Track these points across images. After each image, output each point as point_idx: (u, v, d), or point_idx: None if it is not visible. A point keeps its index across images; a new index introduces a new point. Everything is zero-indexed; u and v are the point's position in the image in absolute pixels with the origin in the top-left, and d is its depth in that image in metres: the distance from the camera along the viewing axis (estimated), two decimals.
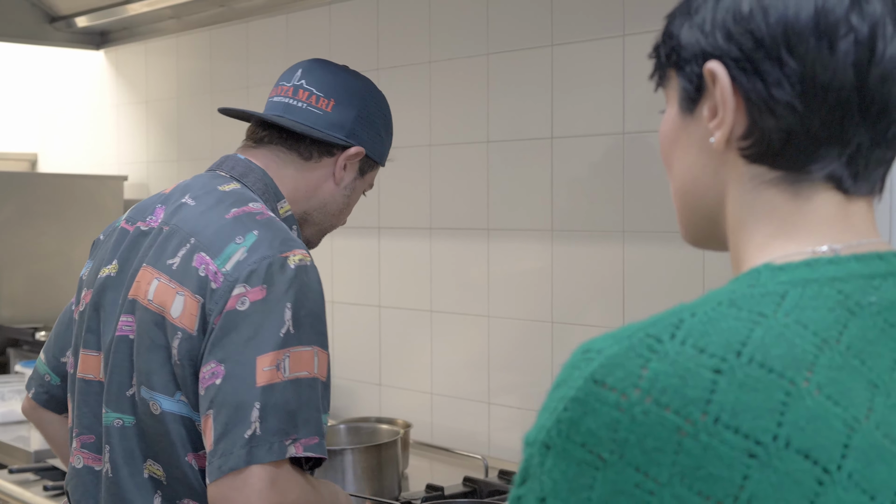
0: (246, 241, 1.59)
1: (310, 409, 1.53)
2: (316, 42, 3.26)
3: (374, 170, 1.93)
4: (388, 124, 1.92)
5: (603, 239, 2.52)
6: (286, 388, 1.51)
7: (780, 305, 0.81)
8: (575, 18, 2.55)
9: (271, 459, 1.48)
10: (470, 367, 2.83)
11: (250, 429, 1.49)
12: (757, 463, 0.75)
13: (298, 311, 1.54)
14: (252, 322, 1.53)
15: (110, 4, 3.58)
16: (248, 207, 1.67)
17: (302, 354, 1.53)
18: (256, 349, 1.52)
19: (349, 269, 3.20)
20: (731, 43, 0.87)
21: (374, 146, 1.88)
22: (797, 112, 0.86)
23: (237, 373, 1.52)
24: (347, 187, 1.87)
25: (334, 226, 1.94)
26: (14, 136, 4.77)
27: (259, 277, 1.55)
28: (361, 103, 1.84)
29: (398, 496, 2.31)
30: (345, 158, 1.83)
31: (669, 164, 0.98)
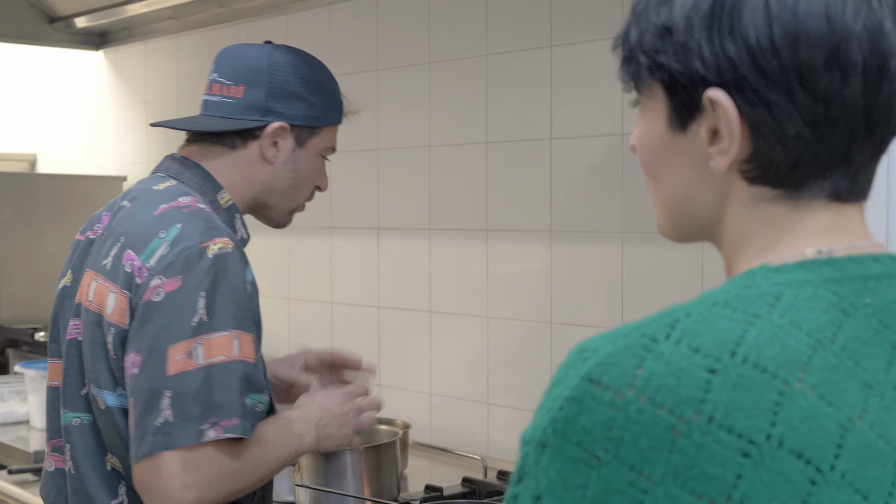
0: (169, 235, 1.65)
1: (228, 392, 1.57)
2: (315, 43, 3.26)
3: (320, 134, 1.88)
4: (312, 84, 1.86)
5: (602, 240, 2.52)
6: (199, 374, 1.57)
7: (774, 306, 0.82)
8: (574, 19, 2.56)
9: (187, 444, 1.55)
10: (469, 368, 2.84)
11: (161, 416, 1.55)
12: (750, 462, 0.75)
13: (213, 299, 1.60)
14: (166, 312, 1.59)
15: (110, 5, 3.59)
16: (176, 202, 1.72)
17: (217, 340, 1.58)
18: (169, 339, 1.58)
19: (348, 270, 3.20)
20: (737, 75, 0.84)
21: (299, 113, 1.84)
22: (807, 142, 0.85)
23: (150, 363, 1.58)
24: (287, 162, 1.85)
25: (297, 201, 1.92)
26: (13, 136, 4.77)
27: (176, 268, 1.61)
28: (269, 78, 1.83)
29: (397, 497, 2.31)
30: (267, 137, 1.83)
31: (654, 175, 0.95)
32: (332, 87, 1.90)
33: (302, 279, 3.37)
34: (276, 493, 2.44)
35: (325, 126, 1.89)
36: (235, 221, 1.83)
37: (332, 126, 1.91)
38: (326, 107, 1.88)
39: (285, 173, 1.86)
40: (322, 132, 1.88)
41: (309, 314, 3.33)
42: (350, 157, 3.17)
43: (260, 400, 1.62)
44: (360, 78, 3.12)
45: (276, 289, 3.44)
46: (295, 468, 2.28)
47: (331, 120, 1.90)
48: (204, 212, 1.70)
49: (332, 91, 1.90)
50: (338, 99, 1.91)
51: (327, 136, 1.90)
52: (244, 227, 1.86)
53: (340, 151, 3.24)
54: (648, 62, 0.90)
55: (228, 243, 1.64)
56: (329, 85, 1.90)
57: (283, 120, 1.82)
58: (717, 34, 0.85)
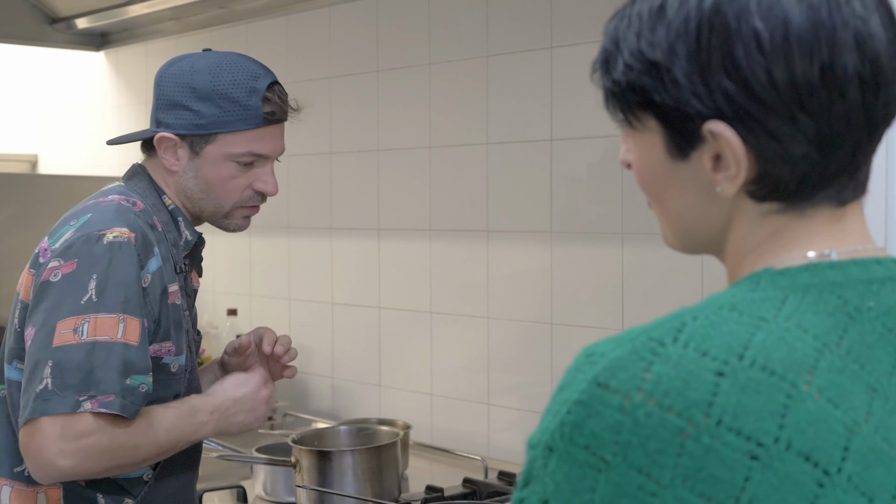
0: (77, 223, 1.76)
1: (107, 370, 1.64)
2: (315, 44, 3.26)
3: (215, 141, 1.85)
4: (199, 92, 1.84)
5: (602, 240, 2.52)
6: (81, 349, 1.65)
7: (780, 310, 0.82)
8: (574, 20, 2.56)
9: (61, 411, 1.62)
10: (469, 369, 2.84)
11: (42, 384, 1.64)
12: (758, 465, 0.76)
13: (104, 282, 1.68)
14: (60, 291, 1.69)
15: (110, 6, 3.59)
16: (102, 198, 1.82)
17: (104, 321, 1.67)
18: (58, 314, 1.67)
19: (349, 271, 3.21)
20: (737, 108, 0.83)
21: (184, 122, 1.85)
22: (813, 160, 0.85)
23: (40, 335, 1.68)
24: (188, 170, 1.87)
25: (224, 205, 1.90)
26: (14, 137, 4.77)
27: (73, 252, 1.71)
28: (157, 90, 1.90)
29: (398, 497, 2.32)
30: (160, 147, 1.87)
31: (657, 199, 0.94)
32: (230, 93, 1.84)
33: (303, 280, 3.37)
34: (276, 493, 2.45)
35: (221, 133, 1.85)
36: (179, 224, 1.89)
37: (233, 132, 1.85)
38: (219, 114, 1.84)
39: (190, 181, 1.88)
40: (220, 139, 1.85)
41: (310, 315, 3.33)
42: (350, 158, 3.18)
43: (143, 381, 1.67)
44: (360, 79, 3.12)
45: (277, 289, 3.44)
46: (296, 469, 2.28)
47: (227, 126, 1.84)
48: (121, 206, 1.78)
49: (231, 97, 1.83)
50: (242, 104, 1.84)
51: (231, 141, 1.85)
52: (189, 228, 1.90)
53: (341, 152, 3.26)
54: (640, 99, 0.88)
55: (125, 233, 1.72)
56: (228, 91, 1.84)
57: (168, 130, 1.86)
58: (710, 70, 0.83)
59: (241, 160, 1.87)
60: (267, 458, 2.42)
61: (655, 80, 0.86)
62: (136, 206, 1.81)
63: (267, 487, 2.47)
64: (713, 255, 0.96)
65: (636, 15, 0.88)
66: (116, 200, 1.80)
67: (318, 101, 3.25)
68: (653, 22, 0.87)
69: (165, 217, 1.87)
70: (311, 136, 3.29)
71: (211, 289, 3.66)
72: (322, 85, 3.25)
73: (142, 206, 1.82)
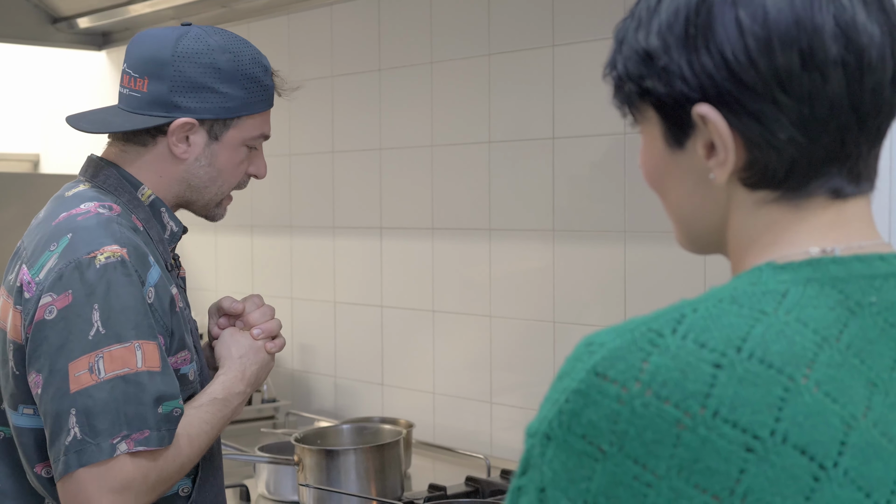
0: (58, 248, 1.60)
1: (137, 404, 1.53)
2: (317, 43, 3.27)
3: (238, 125, 1.74)
4: (224, 72, 1.70)
5: (604, 239, 2.52)
6: (103, 388, 1.52)
7: (780, 303, 0.82)
8: (576, 19, 2.56)
9: (99, 460, 1.51)
10: (472, 367, 2.84)
11: (70, 435, 1.52)
12: (754, 457, 0.76)
13: (107, 311, 1.55)
14: (61, 329, 1.55)
15: (112, 6, 3.59)
16: (76, 209, 1.65)
17: (120, 352, 1.54)
18: (68, 356, 1.54)
19: (351, 270, 3.21)
20: (720, 90, 0.85)
21: (211, 105, 1.70)
22: (799, 144, 0.86)
23: (52, 381, 1.54)
24: (202, 158, 1.73)
25: (222, 193, 1.79)
26: (17, 136, 4.77)
27: (65, 283, 1.56)
28: (172, 71, 1.69)
29: (401, 496, 2.32)
30: (173, 135, 1.71)
31: (662, 192, 0.97)
32: (253, 72, 1.73)
33: (305, 279, 3.37)
34: (279, 492, 2.45)
35: (245, 115, 1.74)
36: (162, 216, 1.74)
37: (255, 114, 1.75)
38: (245, 96, 1.72)
39: (201, 168, 1.74)
40: (241, 122, 1.74)
41: (312, 314, 3.34)
42: (353, 156, 3.18)
43: (175, 405, 1.57)
44: (362, 78, 3.13)
45: (280, 288, 3.44)
46: (299, 468, 2.28)
47: (251, 109, 1.74)
48: (101, 217, 1.63)
49: (254, 76, 1.73)
50: (263, 84, 1.74)
51: (250, 125, 1.75)
52: (174, 219, 1.76)
53: (343, 151, 3.27)
54: (636, 88, 0.92)
55: (117, 251, 1.58)
56: (250, 69, 1.72)
57: (189, 115, 1.69)
58: (695, 52, 0.86)
59: (252, 144, 1.77)
60: (270, 457, 2.42)
61: (648, 68, 0.89)
62: (112, 211, 1.66)
63: (270, 486, 2.47)
64: (720, 252, 0.97)
65: (639, 12, 0.92)
66: (93, 210, 1.64)
67: (321, 100, 3.25)
68: (650, 16, 0.90)
69: (144, 213, 1.72)
70: (314, 135, 3.30)
71: (213, 288, 3.66)
72: (324, 84, 3.25)
73: (118, 208, 1.67)
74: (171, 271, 1.76)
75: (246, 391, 1.75)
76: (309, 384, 3.35)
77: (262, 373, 1.80)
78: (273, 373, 3.35)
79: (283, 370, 3.42)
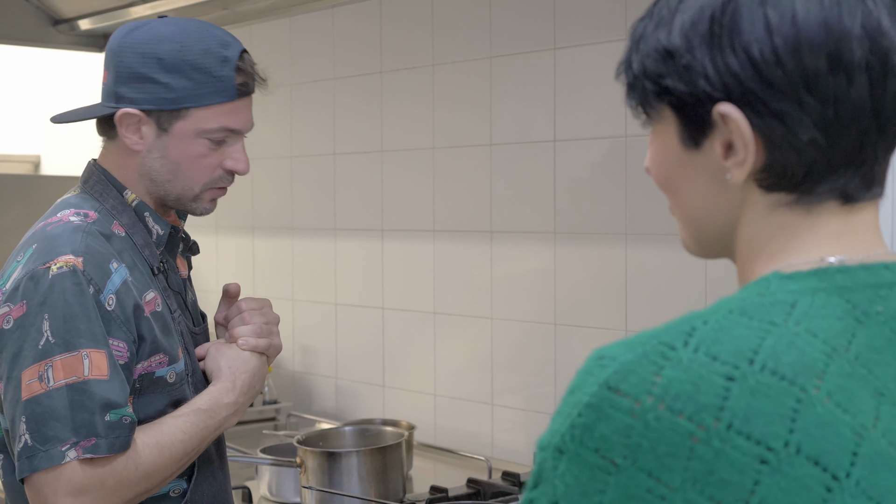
0: (24, 258, 1.63)
1: (83, 412, 1.55)
2: (319, 45, 3.27)
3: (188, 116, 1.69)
4: (168, 63, 1.67)
5: (605, 241, 2.53)
6: (52, 396, 1.55)
7: (790, 314, 0.82)
8: (577, 22, 2.56)
9: (47, 466, 1.54)
10: (473, 369, 2.85)
11: (21, 441, 1.56)
12: (768, 469, 0.76)
13: (56, 320, 1.57)
14: (16, 339, 1.58)
15: (113, 7, 3.59)
16: (52, 219, 1.68)
17: (67, 361, 1.56)
18: (21, 364, 1.57)
19: (353, 271, 3.21)
20: (744, 89, 0.85)
21: (149, 96, 1.68)
22: (820, 146, 0.86)
23: (9, 389, 1.59)
24: (154, 150, 1.71)
25: (193, 187, 1.75)
26: (17, 138, 4.77)
27: (20, 293, 1.59)
28: (116, 60, 1.69)
29: (403, 498, 2.32)
30: (121, 126, 1.70)
31: (672, 193, 0.96)
32: (202, 63, 1.68)
33: (306, 281, 3.38)
34: (281, 494, 2.46)
35: (194, 107, 1.69)
36: (147, 220, 1.74)
37: (209, 106, 1.70)
38: (190, 86, 1.68)
39: (156, 161, 1.72)
40: (192, 114, 1.69)
41: (313, 316, 3.34)
42: (354, 158, 3.18)
43: (123, 413, 1.57)
44: (363, 80, 3.13)
45: (281, 290, 3.45)
46: (301, 470, 2.29)
47: (200, 100, 1.68)
48: (69, 226, 1.64)
49: (202, 67, 1.68)
50: (215, 75, 1.69)
51: (203, 117, 1.70)
52: (159, 222, 1.75)
53: (345, 153, 3.27)
54: (654, 87, 0.91)
55: (70, 261, 1.59)
56: (198, 60, 1.68)
57: (132, 105, 1.68)
58: (719, 51, 0.86)
59: (213, 137, 1.71)
60: (272, 459, 2.43)
61: (669, 67, 0.89)
62: (88, 219, 1.67)
63: (272, 488, 2.48)
64: (726, 256, 0.96)
65: (658, 12, 0.92)
66: (65, 219, 1.66)
67: (322, 103, 3.26)
68: (671, 15, 0.90)
69: (129, 217, 1.72)
70: (315, 137, 3.30)
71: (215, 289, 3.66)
72: (326, 86, 3.25)
73: (94, 216, 1.68)
74: (159, 274, 1.75)
75: (238, 401, 1.75)
76: (310, 386, 3.36)
77: (255, 380, 1.79)
78: (274, 374, 3.35)
79: (285, 372, 3.42)
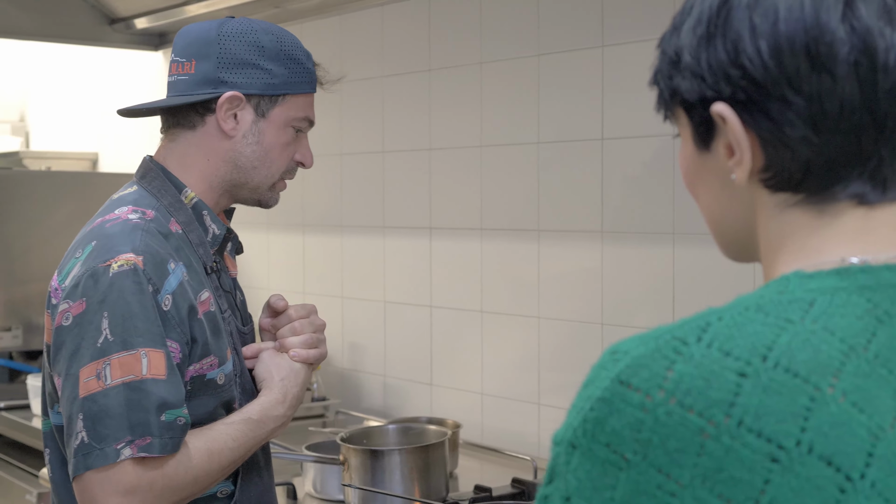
0: (83, 255, 1.64)
1: (140, 411, 1.56)
2: (368, 43, 3.28)
3: (284, 103, 1.78)
4: (268, 51, 1.75)
5: (653, 240, 2.51)
6: (108, 394, 1.56)
7: (807, 312, 0.81)
8: (625, 19, 2.54)
9: (102, 465, 1.55)
10: (520, 368, 2.83)
11: (77, 439, 1.57)
12: (779, 467, 0.74)
13: (116, 318, 1.58)
14: (75, 336, 1.60)
15: (168, 6, 3.63)
16: (109, 216, 1.70)
17: (125, 360, 1.57)
18: (79, 361, 1.58)
19: (401, 269, 3.22)
20: (732, 87, 0.87)
21: (254, 81, 1.74)
22: (813, 144, 0.86)
23: (66, 386, 1.60)
24: (249, 135, 1.76)
25: (271, 176, 1.81)
26: (75, 136, 4.85)
27: (80, 291, 1.60)
28: (218, 48, 1.74)
29: (446, 497, 2.32)
30: (222, 109, 1.74)
31: (695, 195, 0.98)
32: (295, 55, 1.78)
33: (355, 278, 3.39)
34: (326, 491, 2.47)
35: (290, 94, 1.78)
36: (204, 219, 1.77)
37: (300, 94, 1.79)
38: (288, 74, 1.77)
39: (248, 147, 1.77)
40: (287, 101, 1.78)
41: (362, 313, 3.35)
42: (402, 156, 3.19)
43: (178, 414, 1.59)
44: (412, 78, 3.13)
45: (330, 287, 3.46)
46: (344, 467, 2.29)
47: (296, 88, 1.78)
48: (128, 224, 1.66)
49: (296, 58, 1.78)
50: (305, 66, 1.79)
51: (295, 105, 1.79)
52: (216, 222, 1.78)
53: (393, 151, 3.27)
54: (667, 89, 0.94)
55: (131, 259, 1.60)
56: (292, 52, 1.77)
57: (236, 89, 1.74)
58: (714, 51, 0.88)
59: (298, 125, 1.80)
60: (315, 457, 2.43)
61: (676, 68, 0.92)
62: (146, 216, 1.69)
63: (316, 485, 2.49)
64: (755, 259, 0.96)
65: (675, 19, 0.95)
66: (123, 216, 1.68)
67: (371, 100, 3.27)
68: (682, 20, 0.93)
69: (185, 215, 1.75)
70: (364, 134, 3.31)
71: (265, 286, 3.70)
72: (375, 84, 3.26)
73: (152, 214, 1.70)
74: (211, 274, 1.77)
75: (286, 414, 1.77)
76: (358, 383, 3.37)
77: (302, 392, 1.82)
78: (323, 371, 3.37)
79: (333, 369, 3.43)
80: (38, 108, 5.20)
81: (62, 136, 4.97)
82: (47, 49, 4.92)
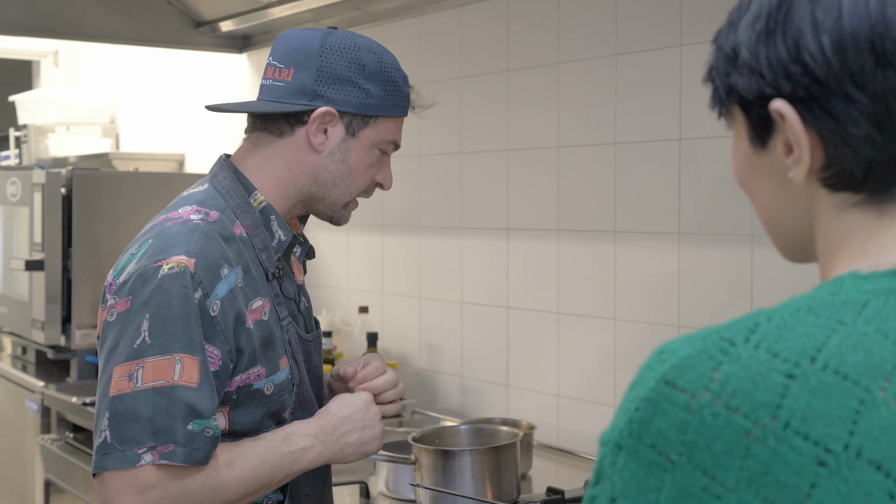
0: (138, 252, 1.63)
1: (166, 417, 1.53)
2: (447, 44, 3.28)
3: (375, 124, 1.75)
4: (368, 71, 1.73)
5: (731, 242, 2.47)
6: (137, 397, 1.53)
7: (860, 314, 0.79)
8: (703, 18, 2.51)
9: (120, 467, 1.52)
10: (596, 370, 2.81)
11: (101, 436, 1.54)
12: (826, 471, 0.73)
13: (156, 321, 1.56)
14: (115, 333, 1.58)
15: (253, 9, 3.68)
16: (172, 214, 1.69)
17: (159, 364, 1.54)
18: (115, 360, 1.56)
19: (478, 270, 3.21)
20: (794, 85, 0.85)
21: (350, 99, 1.72)
22: (876, 142, 0.84)
23: (101, 381, 1.59)
24: (336, 152, 1.74)
25: (349, 195, 1.79)
26: (163, 137, 4.94)
27: (127, 289, 1.59)
28: (320, 61, 1.71)
29: (517, 498, 2.31)
30: (314, 123, 1.72)
31: (750, 194, 0.96)
32: (394, 77, 1.75)
33: (433, 278, 3.39)
34: (398, 490, 2.47)
35: (382, 116, 1.75)
36: (271, 223, 1.74)
37: (391, 118, 1.76)
38: (384, 96, 1.74)
39: (333, 164, 1.75)
40: (378, 123, 1.75)
41: (439, 313, 3.36)
42: (480, 157, 3.18)
43: (207, 425, 1.55)
44: (490, 79, 3.13)
45: (408, 288, 3.47)
46: (415, 467, 2.30)
47: (389, 111, 1.75)
48: (187, 225, 1.64)
49: (394, 81, 1.75)
50: (402, 90, 1.76)
51: (385, 128, 1.76)
52: (283, 227, 1.76)
53: (471, 152, 3.27)
54: (723, 86, 0.92)
55: (182, 261, 1.58)
56: (391, 74, 1.74)
57: (331, 105, 1.71)
58: (773, 47, 0.87)
59: (384, 148, 1.78)
60: (388, 456, 2.44)
61: (733, 65, 0.90)
62: (209, 218, 1.67)
63: (389, 484, 2.50)
64: (813, 260, 0.94)
65: (731, 15, 0.94)
66: (185, 216, 1.66)
67: (450, 101, 3.27)
68: (739, 16, 0.92)
69: (252, 219, 1.72)
70: (443, 135, 3.32)
71: (344, 286, 3.72)
72: (453, 85, 3.27)
73: (215, 215, 1.68)
74: (273, 280, 1.74)
75: (314, 447, 1.69)
76: (435, 383, 3.38)
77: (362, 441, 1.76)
78: (400, 371, 3.38)
79: (411, 369, 3.44)
80: (127, 111, 5.31)
81: (150, 138, 5.07)
82: (136, 53, 5.03)
